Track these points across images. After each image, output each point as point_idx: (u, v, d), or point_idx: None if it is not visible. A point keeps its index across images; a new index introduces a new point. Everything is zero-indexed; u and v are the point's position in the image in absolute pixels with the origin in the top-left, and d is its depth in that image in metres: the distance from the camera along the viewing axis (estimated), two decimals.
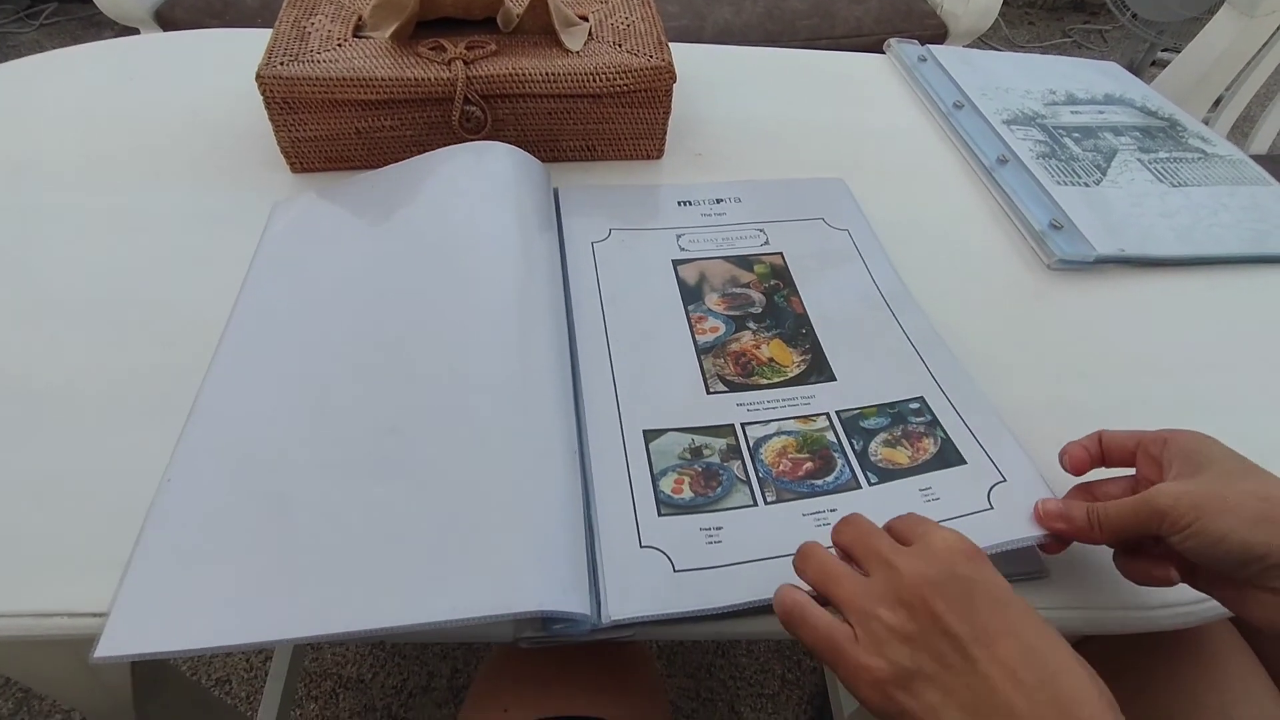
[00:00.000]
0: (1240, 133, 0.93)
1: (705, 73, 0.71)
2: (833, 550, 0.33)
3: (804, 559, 0.32)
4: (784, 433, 0.42)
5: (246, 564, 0.35)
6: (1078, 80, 0.75)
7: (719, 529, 0.38)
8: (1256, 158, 0.92)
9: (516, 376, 0.42)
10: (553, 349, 0.44)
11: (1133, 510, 0.33)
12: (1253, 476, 0.31)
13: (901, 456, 0.41)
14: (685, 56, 0.61)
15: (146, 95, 0.65)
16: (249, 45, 0.58)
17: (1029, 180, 0.61)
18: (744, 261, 0.53)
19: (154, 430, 0.41)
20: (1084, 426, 0.45)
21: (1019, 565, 0.38)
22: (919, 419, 0.43)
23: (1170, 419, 0.46)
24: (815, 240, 0.55)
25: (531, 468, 0.38)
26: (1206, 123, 0.90)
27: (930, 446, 0.42)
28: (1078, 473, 0.37)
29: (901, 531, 0.32)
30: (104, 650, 0.33)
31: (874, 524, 0.32)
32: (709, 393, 0.45)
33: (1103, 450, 0.37)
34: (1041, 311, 0.53)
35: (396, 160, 0.58)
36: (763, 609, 0.34)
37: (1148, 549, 0.35)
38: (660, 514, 0.39)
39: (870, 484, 0.40)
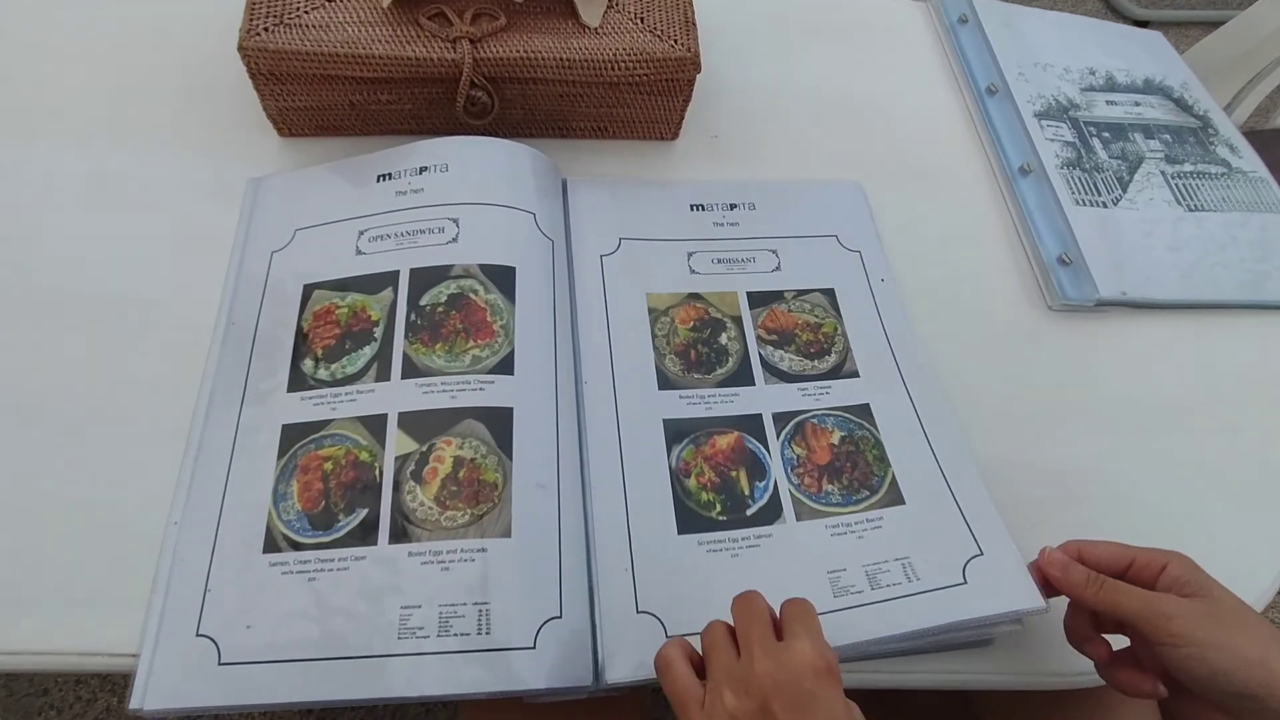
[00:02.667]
0: (1271, 102, 0.90)
1: (725, 25, 0.65)
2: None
3: (718, 626, 0.35)
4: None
5: (263, 621, 0.38)
6: (1121, 57, 0.71)
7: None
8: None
9: (536, 416, 0.43)
10: (563, 383, 0.45)
11: (1139, 600, 0.36)
12: (1251, 619, 0.35)
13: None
14: (701, 3, 0.55)
15: (109, 20, 0.58)
16: None
17: (1048, 198, 0.60)
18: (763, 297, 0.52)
19: (155, 453, 0.43)
20: (1067, 486, 0.49)
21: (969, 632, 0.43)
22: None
23: (1156, 478, 0.51)
24: (827, 265, 0.54)
25: (546, 538, 0.41)
26: (1238, 96, 0.86)
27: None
28: (1049, 593, 0.41)
29: (783, 622, 0.34)
30: (135, 704, 0.36)
31: (766, 607, 0.35)
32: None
33: (1083, 563, 0.40)
34: (1037, 355, 0.54)
35: (394, 132, 0.54)
36: None
37: (1127, 660, 0.39)
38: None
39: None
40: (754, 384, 0.48)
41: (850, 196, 0.58)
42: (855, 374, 0.50)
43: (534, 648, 0.38)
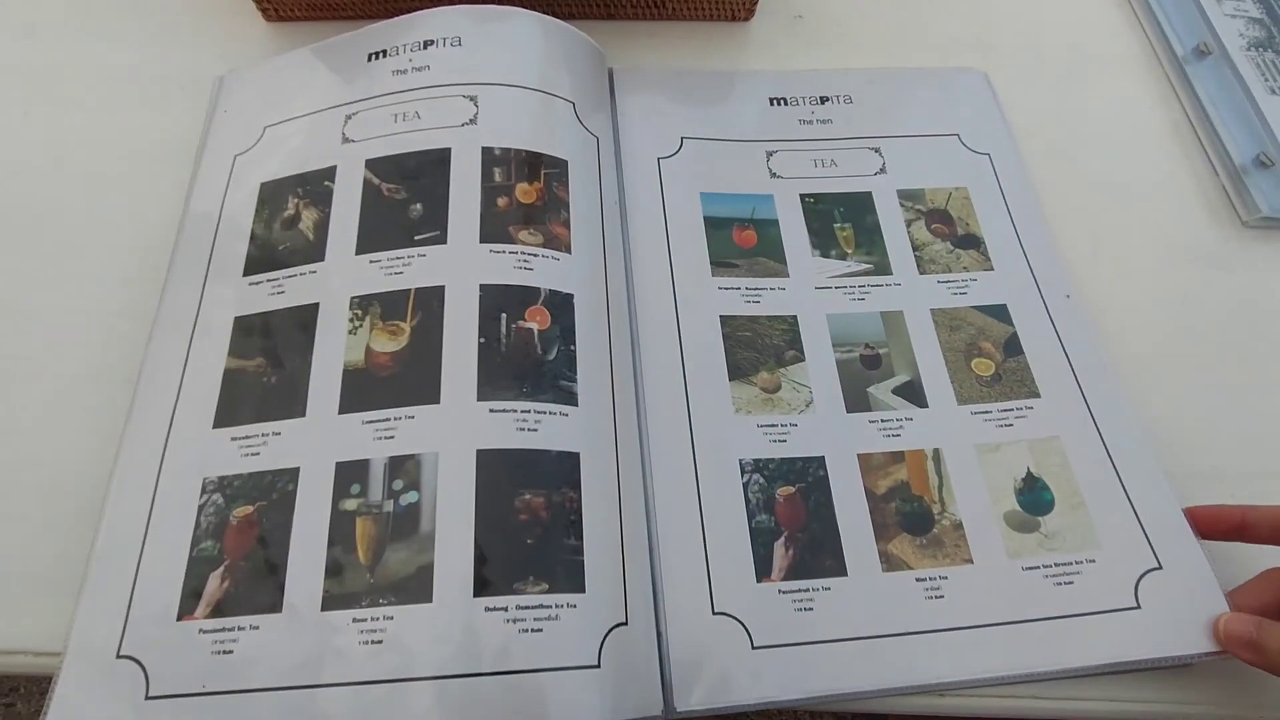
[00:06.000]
0: None
1: None
2: None
3: None
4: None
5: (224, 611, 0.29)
6: None
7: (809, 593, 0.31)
8: None
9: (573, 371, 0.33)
10: (609, 319, 0.35)
11: None
12: None
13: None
14: None
15: None
16: None
17: (1234, 85, 0.46)
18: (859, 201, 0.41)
19: (102, 405, 0.34)
20: (1270, 463, 0.36)
21: None
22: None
23: None
24: (947, 170, 0.42)
25: (607, 528, 0.30)
26: None
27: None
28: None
29: None
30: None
31: None
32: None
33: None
34: (1227, 285, 0.41)
35: (396, 6, 0.44)
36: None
37: None
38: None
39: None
40: None
41: (973, 88, 0.45)
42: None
43: (599, 665, 0.28)
